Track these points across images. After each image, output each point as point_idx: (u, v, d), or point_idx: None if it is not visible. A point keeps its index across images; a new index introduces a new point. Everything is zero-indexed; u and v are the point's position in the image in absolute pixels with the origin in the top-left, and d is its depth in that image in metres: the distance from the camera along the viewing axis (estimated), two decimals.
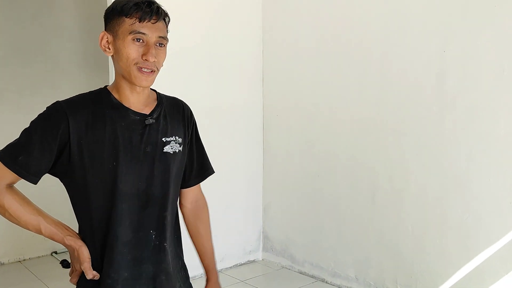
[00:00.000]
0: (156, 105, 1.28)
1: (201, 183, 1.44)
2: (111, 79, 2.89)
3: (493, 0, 2.44)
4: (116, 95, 1.24)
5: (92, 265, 1.20)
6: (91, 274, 1.19)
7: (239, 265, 3.61)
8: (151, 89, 1.31)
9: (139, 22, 1.16)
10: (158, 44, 1.19)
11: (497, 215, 2.46)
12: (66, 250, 4.22)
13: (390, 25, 2.89)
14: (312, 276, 3.40)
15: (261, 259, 3.77)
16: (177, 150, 1.28)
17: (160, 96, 1.32)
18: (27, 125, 1.21)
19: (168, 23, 1.24)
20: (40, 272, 3.52)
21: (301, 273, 3.48)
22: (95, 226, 1.21)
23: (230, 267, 3.53)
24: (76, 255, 1.21)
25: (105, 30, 1.24)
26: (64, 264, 3.64)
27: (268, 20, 3.63)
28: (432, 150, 2.72)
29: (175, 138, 1.28)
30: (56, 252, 3.92)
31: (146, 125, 1.23)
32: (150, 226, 1.24)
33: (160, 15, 1.19)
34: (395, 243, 2.91)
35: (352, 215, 3.14)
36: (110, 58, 2.86)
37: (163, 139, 1.25)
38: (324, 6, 3.26)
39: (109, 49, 1.22)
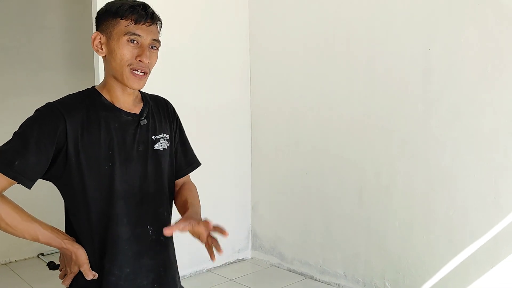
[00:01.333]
0: (144, 105, 1.31)
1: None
2: (97, 78, 2.87)
3: None
4: (107, 96, 1.26)
5: (90, 265, 1.22)
6: (91, 275, 1.22)
7: (228, 264, 3.61)
8: (140, 92, 1.34)
9: (135, 24, 1.19)
10: (151, 47, 1.23)
11: (482, 210, 2.51)
12: (53, 251, 4.15)
13: (375, 23, 2.91)
14: (301, 274, 3.42)
15: (250, 257, 3.78)
16: (166, 147, 1.32)
17: (144, 95, 1.35)
18: (11, 126, 1.20)
19: (161, 28, 1.28)
20: (27, 275, 3.48)
21: (290, 270, 3.49)
22: (93, 226, 1.22)
23: (219, 266, 3.53)
24: (74, 258, 1.22)
25: (98, 30, 1.25)
26: (51, 266, 3.56)
27: (255, 19, 3.63)
28: (418, 147, 2.75)
29: (163, 135, 1.32)
30: (42, 254, 3.87)
31: (138, 125, 1.26)
32: (147, 222, 1.28)
33: (154, 19, 1.23)
34: (383, 239, 2.94)
35: (340, 212, 3.17)
36: (96, 58, 2.85)
37: (153, 137, 1.29)
38: (310, 5, 3.27)
39: (102, 49, 1.23)
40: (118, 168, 1.22)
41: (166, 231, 1.17)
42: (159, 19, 1.26)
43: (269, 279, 3.39)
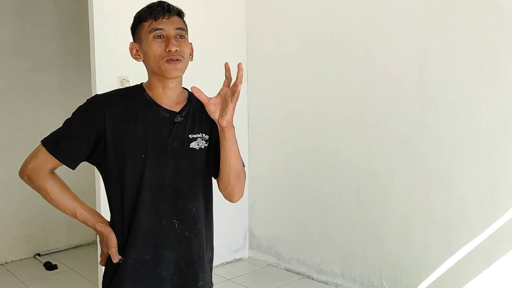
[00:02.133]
0: (186, 104, 1.38)
1: None
2: (93, 78, 2.86)
3: None
4: (149, 93, 1.34)
5: (119, 249, 1.32)
6: (117, 258, 1.31)
7: (226, 264, 3.60)
8: (183, 88, 1.40)
9: (155, 20, 1.29)
10: (178, 36, 1.30)
11: (479, 209, 2.51)
12: (50, 251, 4.15)
13: (372, 23, 2.91)
14: (299, 273, 3.42)
15: (247, 257, 3.78)
16: (203, 147, 1.37)
17: (191, 96, 1.40)
18: (7, 127, 1.21)
19: (183, 17, 1.35)
20: (23, 275, 3.47)
21: (287, 270, 3.49)
22: (124, 213, 1.31)
23: (217, 266, 3.52)
24: (105, 240, 1.33)
25: (133, 41, 1.37)
26: (48, 266, 3.59)
27: (252, 19, 3.63)
28: (415, 146, 2.75)
29: (202, 136, 1.37)
30: (39, 254, 3.86)
31: (175, 122, 1.33)
32: (173, 216, 1.33)
33: (172, 11, 1.31)
34: (380, 238, 2.94)
35: (337, 211, 3.17)
36: (93, 58, 2.84)
37: (190, 135, 1.35)
38: (307, 5, 3.27)
39: (139, 55, 1.34)
40: (149, 160, 1.29)
41: (193, 88, 1.29)
42: (178, 10, 1.33)
43: (267, 279, 3.39)
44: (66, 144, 1.29)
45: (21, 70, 3.77)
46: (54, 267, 3.58)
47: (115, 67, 2.91)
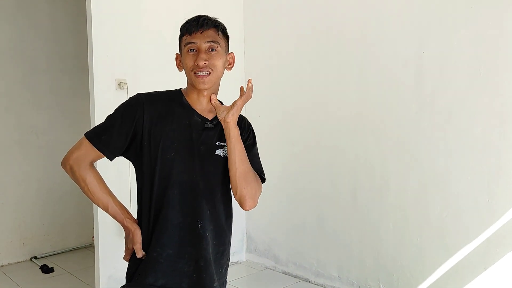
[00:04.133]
0: None
1: None
2: (91, 80, 2.86)
3: (469, 2, 2.50)
4: (186, 98, 1.45)
5: (144, 243, 1.40)
6: (141, 254, 1.40)
7: None
8: (218, 100, 1.48)
9: (189, 35, 1.39)
10: (209, 50, 1.39)
11: (475, 212, 2.52)
12: (46, 254, 4.14)
13: (369, 25, 2.93)
14: (296, 276, 3.42)
15: (244, 260, 3.77)
16: (227, 155, 1.43)
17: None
18: (4, 128, 1.20)
19: (222, 30, 1.43)
20: (20, 278, 3.45)
21: (284, 273, 3.49)
22: (152, 208, 1.39)
23: None
24: (131, 236, 1.41)
25: (179, 52, 1.47)
26: (44, 269, 3.57)
27: (249, 22, 3.64)
28: (411, 149, 2.76)
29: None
30: (35, 257, 3.84)
31: (205, 128, 1.42)
32: (197, 215, 1.41)
33: (206, 25, 1.39)
34: (377, 241, 2.95)
35: (334, 214, 3.17)
36: (91, 60, 2.84)
37: (217, 143, 1.43)
38: (304, 6, 3.28)
39: (181, 66, 1.45)
40: (178, 159, 1.38)
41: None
42: (214, 24, 1.41)
43: (264, 282, 3.39)
44: (107, 137, 1.38)
45: (18, 72, 3.77)
46: (51, 270, 3.57)
47: (113, 69, 2.91)
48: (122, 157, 1.45)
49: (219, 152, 1.43)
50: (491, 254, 2.47)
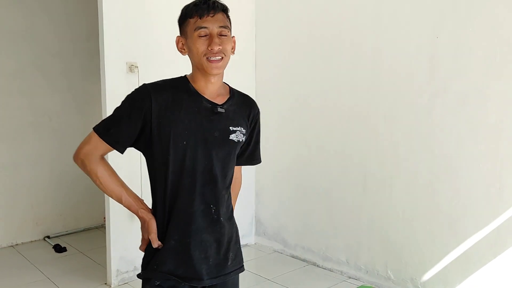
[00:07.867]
0: (228, 98, 1.47)
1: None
2: (102, 63, 2.86)
3: None
4: (193, 84, 1.42)
5: (159, 232, 1.40)
6: (156, 243, 1.39)
7: None
8: (224, 83, 1.49)
9: (200, 18, 1.35)
10: (221, 34, 1.37)
11: (486, 200, 2.50)
12: (59, 234, 4.19)
13: (382, 11, 2.88)
14: (304, 260, 3.45)
15: (253, 243, 3.81)
16: (240, 139, 1.47)
17: (233, 91, 1.51)
18: (17, 110, 1.22)
19: (228, 12, 1.41)
20: (33, 257, 3.53)
21: (293, 257, 3.52)
22: (166, 197, 1.39)
23: None
24: (146, 226, 1.41)
25: (180, 34, 1.43)
26: (57, 248, 3.65)
27: (261, 6, 3.60)
28: (422, 136, 2.74)
29: (240, 129, 1.46)
30: (48, 237, 3.92)
31: (216, 113, 1.41)
32: (211, 201, 1.42)
33: (217, 8, 1.36)
34: (386, 228, 2.95)
35: (343, 200, 3.17)
36: (102, 45, 2.84)
37: (231, 127, 1.44)
38: None
39: (184, 49, 1.41)
40: (191, 147, 1.37)
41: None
42: (223, 8, 1.39)
43: (272, 265, 3.42)
44: (115, 130, 1.37)
45: (30, 55, 3.79)
46: (64, 249, 3.64)
47: (124, 52, 2.91)
48: (133, 148, 1.45)
49: (232, 137, 1.43)
50: (501, 242, 2.46)
